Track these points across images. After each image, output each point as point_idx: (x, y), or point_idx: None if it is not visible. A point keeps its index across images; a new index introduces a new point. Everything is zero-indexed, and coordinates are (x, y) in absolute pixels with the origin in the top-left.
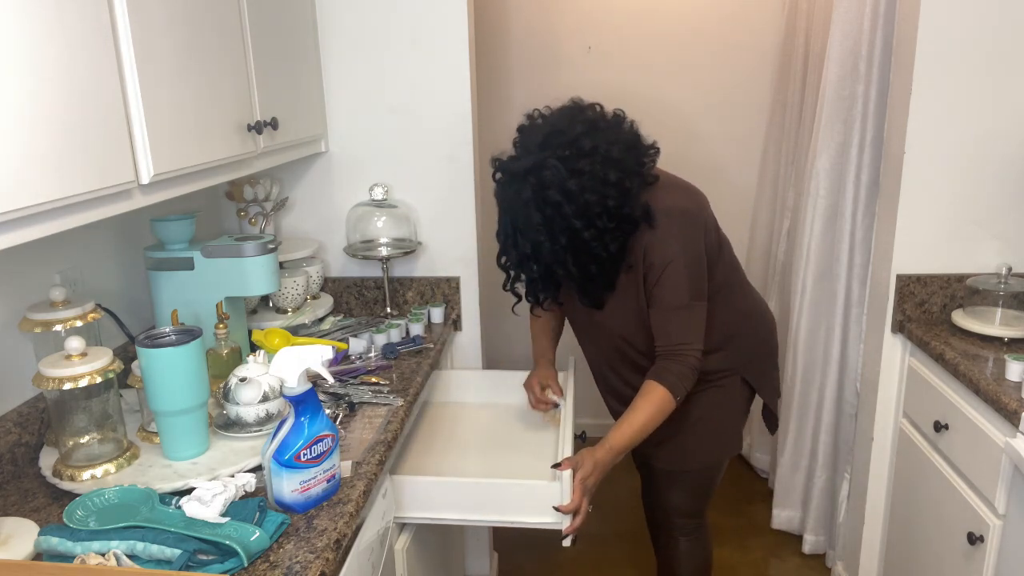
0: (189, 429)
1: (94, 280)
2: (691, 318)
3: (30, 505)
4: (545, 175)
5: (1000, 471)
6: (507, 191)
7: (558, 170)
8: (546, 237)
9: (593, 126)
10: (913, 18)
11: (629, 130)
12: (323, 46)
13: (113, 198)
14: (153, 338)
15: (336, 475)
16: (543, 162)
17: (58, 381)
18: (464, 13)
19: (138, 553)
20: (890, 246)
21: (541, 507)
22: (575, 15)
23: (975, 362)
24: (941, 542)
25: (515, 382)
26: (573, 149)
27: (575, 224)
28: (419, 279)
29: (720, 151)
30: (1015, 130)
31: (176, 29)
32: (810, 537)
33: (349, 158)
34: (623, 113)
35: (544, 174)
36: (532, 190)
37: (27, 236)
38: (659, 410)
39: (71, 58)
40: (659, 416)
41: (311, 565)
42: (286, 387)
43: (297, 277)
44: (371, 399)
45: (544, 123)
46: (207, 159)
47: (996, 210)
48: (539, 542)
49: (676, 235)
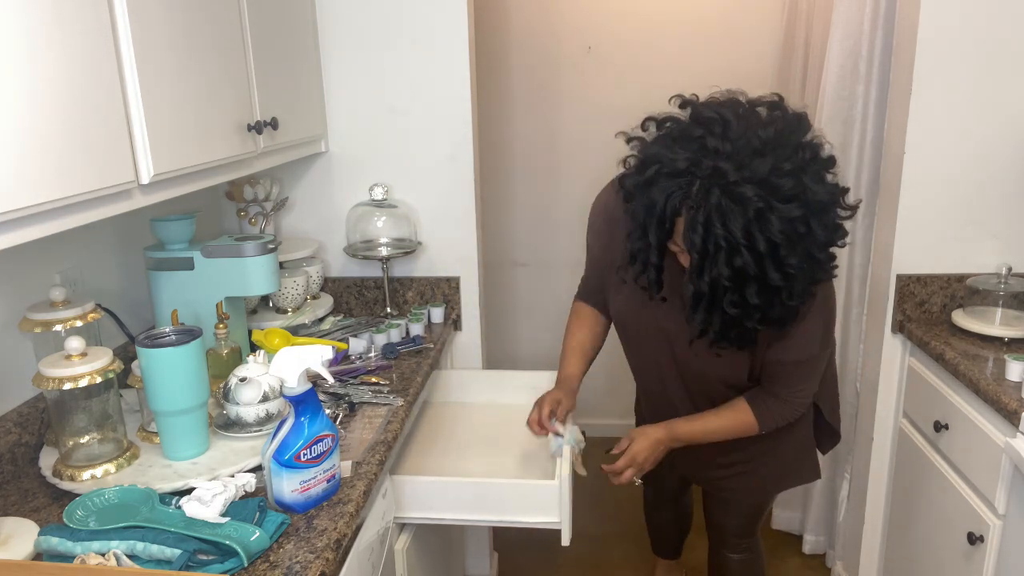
0: (189, 429)
1: (94, 280)
2: (817, 369)
3: (30, 505)
4: (786, 183)
5: (1000, 471)
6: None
7: (800, 181)
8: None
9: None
10: (913, 18)
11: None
12: (323, 46)
13: (113, 198)
14: (153, 338)
15: (336, 475)
16: (780, 169)
17: (58, 381)
18: (464, 13)
19: (138, 553)
20: (890, 246)
21: (541, 507)
22: (575, 15)
23: (975, 362)
24: (941, 542)
25: (515, 382)
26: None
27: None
28: (419, 279)
29: None
30: (1015, 130)
31: (176, 29)
32: (810, 537)
33: (349, 158)
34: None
35: (785, 181)
36: (758, 203)
37: (27, 236)
38: (738, 430)
39: (71, 58)
40: (735, 434)
41: (311, 565)
42: (286, 387)
43: (297, 277)
44: (371, 399)
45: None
46: (207, 159)
47: (996, 210)
48: (539, 542)
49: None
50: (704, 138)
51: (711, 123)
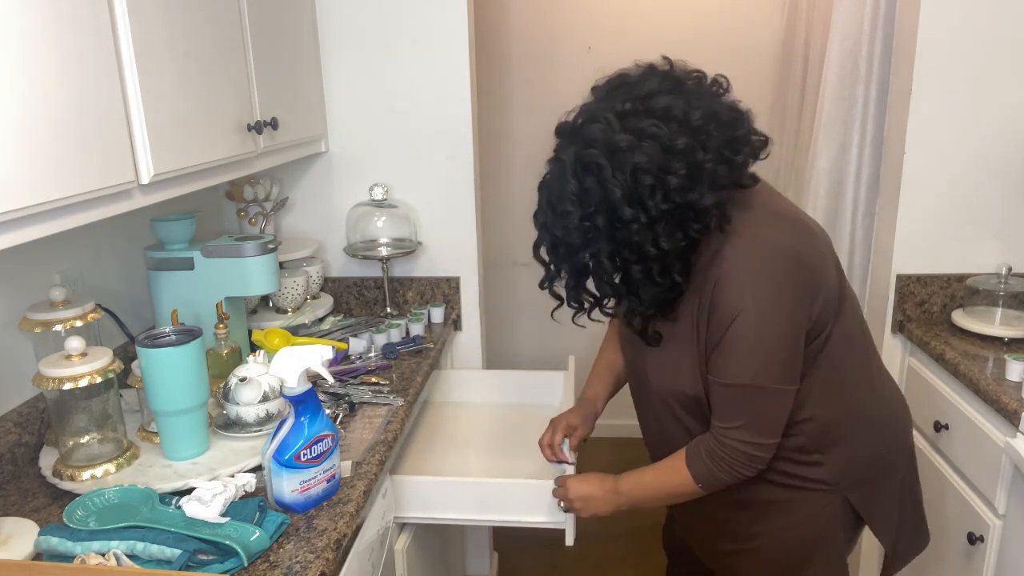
0: (189, 429)
1: (94, 280)
2: (758, 401)
3: (30, 505)
4: (592, 130)
5: (1000, 471)
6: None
7: (609, 125)
8: (578, 213)
9: (676, 85)
10: (913, 18)
11: (729, 104)
12: (323, 46)
13: (113, 198)
14: (153, 338)
15: (336, 475)
16: (595, 115)
17: (58, 381)
18: (464, 13)
19: (138, 553)
20: (890, 246)
21: (541, 507)
22: (575, 15)
23: (975, 362)
24: (941, 542)
25: (515, 382)
26: (639, 104)
27: (614, 195)
28: (419, 279)
29: None
30: (1015, 130)
31: (176, 29)
32: None
33: (349, 158)
34: (727, 83)
35: (592, 128)
36: (574, 150)
37: (27, 236)
38: (673, 479)
39: (71, 58)
40: (671, 486)
41: (311, 565)
42: (286, 387)
43: (297, 277)
44: (371, 399)
45: (617, 76)
46: (207, 159)
47: (996, 210)
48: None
49: (759, 278)
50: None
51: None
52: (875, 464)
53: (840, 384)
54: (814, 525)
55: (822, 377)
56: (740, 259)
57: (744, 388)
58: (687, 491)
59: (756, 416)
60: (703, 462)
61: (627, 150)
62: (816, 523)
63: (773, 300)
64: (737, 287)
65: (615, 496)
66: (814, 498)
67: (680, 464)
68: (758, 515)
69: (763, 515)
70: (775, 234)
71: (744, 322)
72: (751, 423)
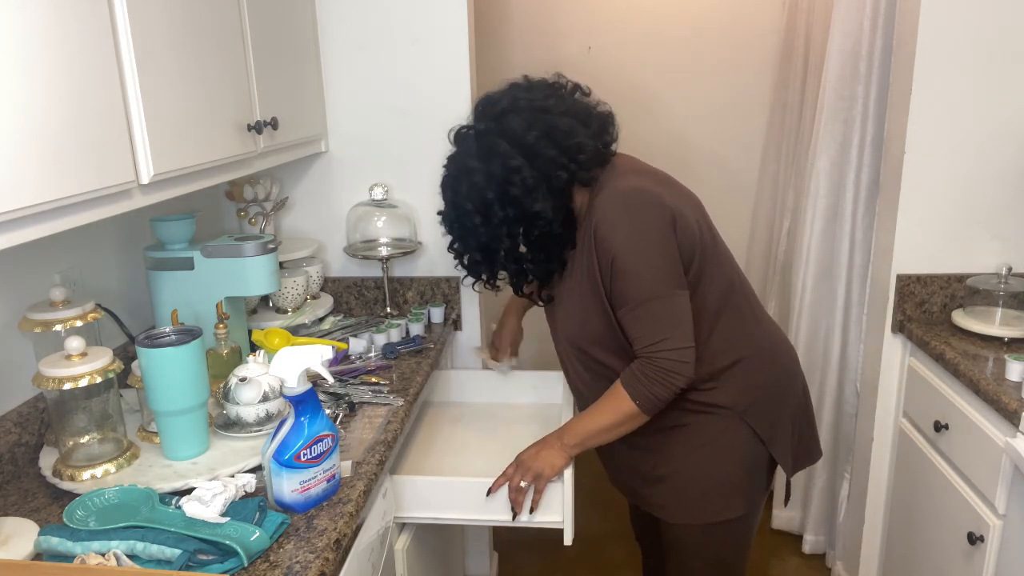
0: (189, 429)
1: (94, 280)
2: (662, 310)
3: (30, 505)
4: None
5: (1000, 471)
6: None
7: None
8: (472, 208)
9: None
10: (913, 18)
11: (579, 99)
12: (323, 46)
13: (113, 198)
14: (153, 338)
15: (336, 475)
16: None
17: (58, 381)
18: (464, 13)
19: (138, 553)
20: (890, 246)
21: (541, 507)
22: (575, 15)
23: (975, 362)
24: (941, 542)
25: (516, 382)
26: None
27: (487, 194)
28: (419, 279)
29: (720, 151)
30: (1015, 130)
31: (176, 29)
32: (810, 537)
33: (349, 158)
34: (588, 90)
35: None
36: (454, 158)
37: (27, 236)
38: (618, 412)
39: (71, 58)
40: (618, 419)
41: (311, 565)
42: (286, 387)
43: (297, 277)
44: (371, 399)
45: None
46: (207, 159)
47: (996, 210)
48: (539, 542)
49: (622, 215)
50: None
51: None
52: (767, 391)
53: (721, 324)
54: (718, 450)
55: (703, 316)
56: (606, 207)
57: (648, 303)
58: (629, 417)
59: (669, 324)
60: (640, 383)
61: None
62: (720, 448)
63: (640, 227)
64: (609, 228)
65: (559, 440)
66: (715, 421)
67: (617, 394)
68: (670, 440)
69: (675, 441)
70: (629, 180)
71: (625, 252)
72: (669, 333)
